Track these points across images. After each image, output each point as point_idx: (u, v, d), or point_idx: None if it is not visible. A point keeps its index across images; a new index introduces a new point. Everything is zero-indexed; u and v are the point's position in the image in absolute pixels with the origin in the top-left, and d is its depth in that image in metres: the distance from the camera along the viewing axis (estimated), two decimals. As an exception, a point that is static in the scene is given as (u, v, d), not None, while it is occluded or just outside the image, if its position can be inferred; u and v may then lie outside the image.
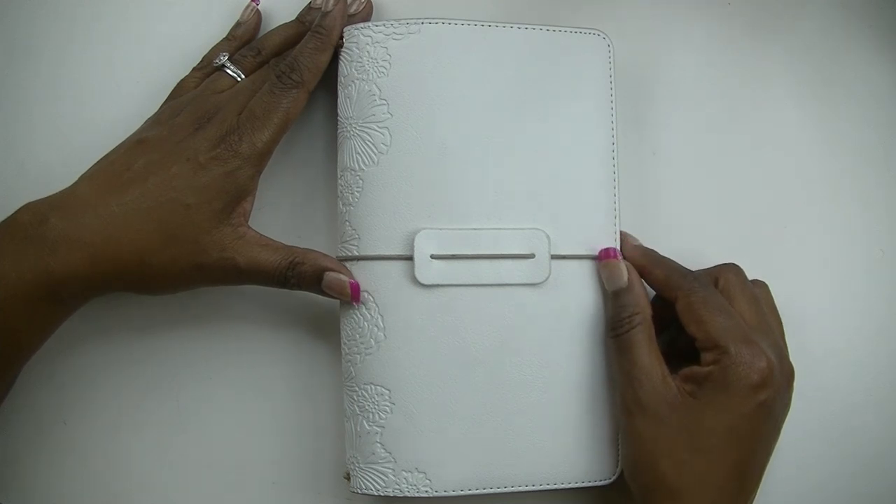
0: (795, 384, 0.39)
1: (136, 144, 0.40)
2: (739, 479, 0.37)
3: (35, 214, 0.37)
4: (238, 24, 0.44)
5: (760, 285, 0.42)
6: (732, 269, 0.41)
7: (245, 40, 0.44)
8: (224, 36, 0.44)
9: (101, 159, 0.40)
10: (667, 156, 0.47)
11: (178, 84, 0.43)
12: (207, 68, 0.43)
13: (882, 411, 0.46)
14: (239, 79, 0.42)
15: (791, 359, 0.40)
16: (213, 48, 0.44)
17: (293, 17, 0.44)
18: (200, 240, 0.38)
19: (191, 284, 0.40)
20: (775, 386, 0.37)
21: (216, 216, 0.39)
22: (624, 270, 0.40)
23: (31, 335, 0.38)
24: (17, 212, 0.38)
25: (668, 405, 0.37)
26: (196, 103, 0.41)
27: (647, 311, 0.40)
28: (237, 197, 0.39)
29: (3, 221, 0.38)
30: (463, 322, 0.40)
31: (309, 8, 0.44)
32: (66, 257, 0.37)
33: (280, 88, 0.40)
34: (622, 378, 0.39)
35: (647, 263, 0.41)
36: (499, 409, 0.40)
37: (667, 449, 0.37)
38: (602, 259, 0.41)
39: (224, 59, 0.42)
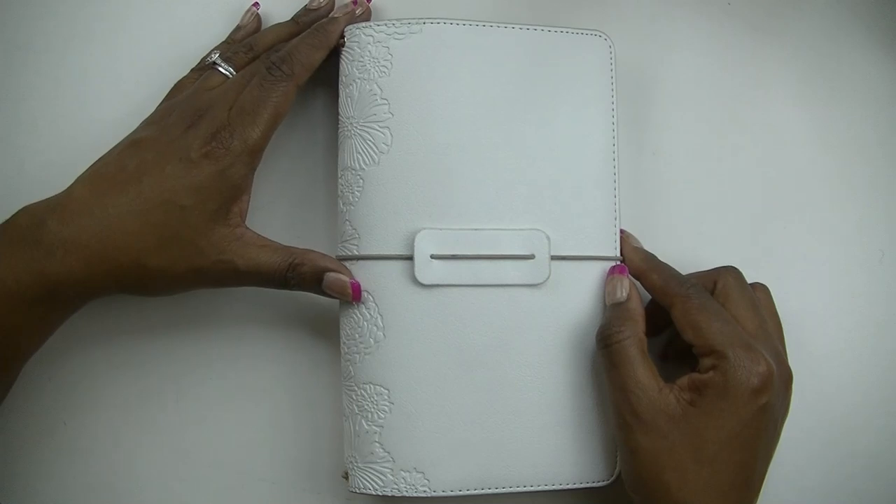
0: (795, 385, 0.39)
1: (130, 145, 0.39)
2: (742, 484, 0.37)
3: (32, 218, 0.37)
4: (238, 28, 0.44)
5: (761, 288, 0.42)
6: (731, 273, 0.41)
7: None
8: (224, 38, 0.44)
9: (97, 161, 0.40)
10: (667, 156, 0.47)
11: (176, 84, 0.43)
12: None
13: (882, 411, 0.46)
14: (230, 76, 0.42)
15: (791, 359, 0.39)
16: (211, 51, 0.44)
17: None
18: (198, 242, 0.38)
19: (189, 286, 0.40)
20: (775, 389, 0.37)
21: (212, 217, 0.38)
22: (626, 286, 0.40)
23: (30, 337, 0.38)
24: (15, 215, 0.38)
25: (667, 418, 0.37)
26: (187, 102, 0.40)
27: (640, 327, 0.39)
28: (232, 196, 0.39)
29: (2, 225, 0.38)
30: (462, 322, 0.40)
31: (306, 9, 0.44)
32: (63, 260, 0.37)
33: (270, 81, 0.39)
34: (616, 393, 0.38)
35: (646, 268, 0.41)
36: (498, 409, 0.40)
37: (669, 461, 0.36)
38: (610, 274, 0.41)
39: (215, 56, 0.42)
